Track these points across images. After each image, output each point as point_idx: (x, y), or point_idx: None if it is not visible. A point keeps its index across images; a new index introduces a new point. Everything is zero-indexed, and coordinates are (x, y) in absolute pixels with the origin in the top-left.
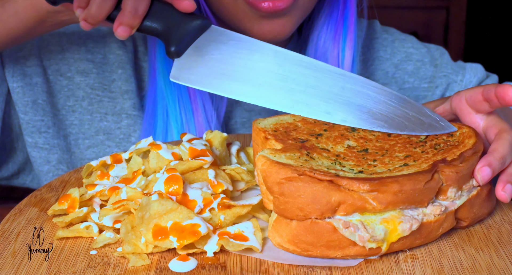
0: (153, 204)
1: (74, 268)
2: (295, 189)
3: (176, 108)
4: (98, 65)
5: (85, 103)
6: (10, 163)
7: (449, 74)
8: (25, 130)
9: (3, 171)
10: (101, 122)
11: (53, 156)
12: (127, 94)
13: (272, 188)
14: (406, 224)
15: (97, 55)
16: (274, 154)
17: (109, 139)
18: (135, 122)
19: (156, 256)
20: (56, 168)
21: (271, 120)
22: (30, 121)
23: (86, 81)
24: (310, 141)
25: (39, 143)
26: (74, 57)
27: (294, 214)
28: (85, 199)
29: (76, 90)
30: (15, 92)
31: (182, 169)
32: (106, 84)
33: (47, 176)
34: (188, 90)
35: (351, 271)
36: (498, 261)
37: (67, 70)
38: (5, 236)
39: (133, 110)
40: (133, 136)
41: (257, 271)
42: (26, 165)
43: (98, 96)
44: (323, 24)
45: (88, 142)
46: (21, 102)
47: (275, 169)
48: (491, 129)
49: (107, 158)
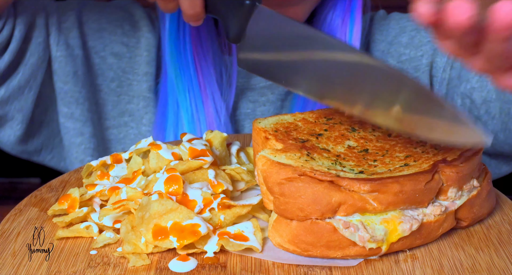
0: (153, 204)
1: (74, 268)
2: (295, 189)
3: (186, 99)
4: (131, 49)
5: (114, 85)
6: (36, 136)
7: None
8: (62, 100)
9: (28, 144)
10: (128, 105)
11: (87, 129)
12: (146, 76)
13: (272, 188)
14: (406, 224)
15: (132, 39)
16: (274, 154)
17: (133, 120)
18: (148, 105)
19: (156, 256)
20: (88, 141)
21: (271, 120)
22: (69, 91)
23: (118, 64)
24: (310, 141)
25: (75, 114)
26: (111, 38)
27: (295, 214)
28: (85, 199)
29: (106, 71)
30: (58, 61)
31: (182, 169)
32: (136, 68)
33: (78, 148)
34: (198, 81)
35: (351, 271)
36: (498, 261)
37: (101, 49)
38: (5, 236)
39: (148, 93)
40: (145, 118)
41: (257, 271)
42: (49, 141)
43: (129, 79)
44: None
45: (108, 122)
46: (62, 72)
47: (275, 169)
48: None
49: (107, 158)
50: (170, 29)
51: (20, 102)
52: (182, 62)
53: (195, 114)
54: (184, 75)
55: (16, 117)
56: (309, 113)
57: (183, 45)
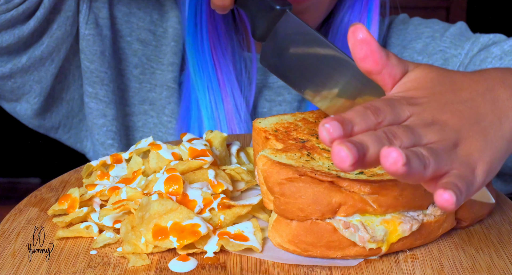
0: (153, 204)
1: (74, 268)
2: (296, 189)
3: (206, 96)
4: (158, 38)
5: (137, 71)
6: (54, 113)
7: (445, 48)
8: (87, 80)
9: (46, 120)
10: (149, 93)
11: (110, 111)
12: (171, 66)
13: (273, 188)
14: (406, 225)
15: (159, 28)
16: (275, 154)
17: (153, 109)
18: (171, 95)
19: (156, 256)
20: (111, 123)
21: (271, 120)
22: (94, 70)
23: (144, 51)
24: (310, 141)
25: (99, 95)
26: (138, 24)
27: (295, 214)
28: (85, 199)
29: (131, 56)
30: (86, 39)
31: (182, 169)
32: (161, 57)
33: (100, 130)
34: (217, 78)
35: (351, 271)
36: (498, 261)
37: (127, 34)
38: (5, 236)
39: (173, 83)
40: (167, 108)
41: (257, 271)
42: (68, 120)
43: (152, 68)
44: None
45: (127, 109)
46: (89, 50)
47: (276, 169)
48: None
49: (107, 158)
50: (188, 27)
51: (40, 74)
52: (200, 60)
53: (215, 112)
54: (203, 73)
55: (34, 89)
56: (309, 113)
57: (200, 42)
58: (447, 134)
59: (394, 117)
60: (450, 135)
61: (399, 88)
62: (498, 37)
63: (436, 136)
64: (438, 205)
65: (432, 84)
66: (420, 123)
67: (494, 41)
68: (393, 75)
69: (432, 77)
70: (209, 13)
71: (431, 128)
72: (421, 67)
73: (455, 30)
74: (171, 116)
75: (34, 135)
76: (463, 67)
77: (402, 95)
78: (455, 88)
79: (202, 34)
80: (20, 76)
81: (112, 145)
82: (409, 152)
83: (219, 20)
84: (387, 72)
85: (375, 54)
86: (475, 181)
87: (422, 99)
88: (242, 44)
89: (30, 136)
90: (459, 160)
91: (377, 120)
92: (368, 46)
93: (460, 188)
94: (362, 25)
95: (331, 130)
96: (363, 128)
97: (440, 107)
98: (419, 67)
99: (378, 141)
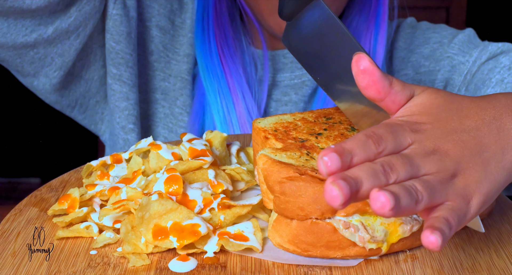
0: (153, 204)
1: (74, 268)
2: (296, 188)
3: (217, 100)
4: (175, 28)
5: (152, 58)
6: (72, 91)
7: (453, 55)
8: (112, 61)
9: (64, 97)
10: (161, 82)
11: (133, 95)
12: (187, 57)
13: (273, 187)
14: (407, 225)
15: (178, 19)
16: (275, 153)
17: (165, 99)
18: (184, 87)
19: (156, 256)
20: (133, 107)
21: (270, 119)
22: (120, 52)
23: (161, 38)
24: (310, 141)
25: (124, 77)
26: (159, 10)
27: (295, 213)
28: (85, 199)
29: (148, 42)
30: (113, 19)
31: (182, 169)
32: (177, 47)
33: (122, 114)
34: (227, 81)
35: (351, 271)
36: (498, 261)
37: (147, 18)
38: (5, 236)
39: (187, 75)
40: (179, 99)
41: (257, 271)
42: (84, 100)
43: (168, 57)
44: (352, 21)
45: (139, 96)
46: (116, 30)
47: (276, 168)
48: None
49: (107, 158)
50: (196, 32)
51: (64, 47)
52: (209, 65)
53: (227, 116)
54: (213, 78)
55: (55, 62)
56: (309, 113)
57: (208, 47)
58: (447, 165)
59: (395, 146)
60: (449, 166)
61: (404, 112)
62: (506, 47)
63: (435, 167)
64: (423, 245)
65: (437, 110)
66: (420, 152)
67: (502, 50)
68: (397, 102)
69: (438, 103)
70: (215, 17)
71: (430, 159)
72: (428, 91)
73: (463, 37)
74: (182, 108)
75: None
76: (471, 75)
77: (406, 120)
78: (461, 116)
79: (210, 39)
80: (44, 47)
81: (133, 130)
82: (401, 190)
83: (226, 24)
84: (390, 100)
85: (378, 83)
86: (468, 212)
87: (426, 125)
88: (253, 41)
89: (30, 137)
90: (455, 191)
91: (378, 150)
92: (371, 76)
93: (450, 223)
94: (364, 55)
95: (328, 164)
96: (362, 159)
97: (443, 136)
98: (425, 91)
99: (373, 175)
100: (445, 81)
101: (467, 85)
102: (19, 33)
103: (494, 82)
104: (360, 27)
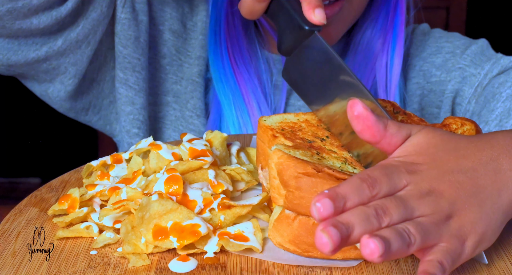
0: (153, 204)
1: (74, 268)
2: (312, 184)
3: (232, 112)
4: (187, 31)
5: (165, 61)
6: (85, 94)
7: (465, 66)
8: (119, 65)
9: (78, 101)
10: (174, 85)
11: (139, 99)
12: (198, 60)
13: (288, 181)
14: None
15: (189, 22)
16: (288, 149)
17: (176, 102)
18: (195, 90)
19: (156, 256)
20: (138, 112)
21: (275, 118)
22: (127, 56)
23: (174, 42)
24: (316, 142)
25: (130, 81)
26: (172, 14)
27: (308, 209)
28: (85, 199)
29: (160, 46)
30: (121, 23)
31: (182, 169)
32: (190, 50)
33: (127, 118)
34: (241, 92)
35: (351, 272)
36: (498, 261)
37: (160, 22)
38: (5, 236)
39: (197, 77)
40: (190, 102)
41: (257, 271)
42: (98, 100)
43: (180, 60)
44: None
45: (150, 98)
46: (124, 34)
47: (293, 163)
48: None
49: (107, 158)
50: (209, 43)
51: (76, 56)
52: (223, 77)
53: (243, 128)
54: (228, 87)
55: (69, 71)
56: (312, 115)
57: (221, 59)
58: (441, 206)
59: (390, 188)
60: (444, 207)
61: (401, 152)
62: None
63: (429, 209)
64: None
65: (434, 150)
66: (415, 194)
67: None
68: (392, 143)
69: (435, 143)
70: (227, 29)
71: (426, 200)
72: (425, 131)
73: (476, 48)
74: (193, 111)
75: (34, 135)
76: (481, 87)
77: (403, 160)
78: (458, 156)
79: (222, 52)
80: (56, 59)
81: (137, 134)
82: (393, 234)
83: (240, 34)
84: (386, 142)
85: (372, 128)
86: (463, 252)
87: (422, 166)
88: (268, 46)
89: (30, 137)
90: (450, 232)
91: (372, 194)
92: (365, 121)
93: (444, 266)
94: (358, 101)
95: (321, 210)
96: (356, 204)
97: (439, 176)
98: (422, 131)
99: (366, 220)
100: (455, 92)
101: (477, 97)
102: (30, 49)
103: (505, 96)
104: (375, 37)
